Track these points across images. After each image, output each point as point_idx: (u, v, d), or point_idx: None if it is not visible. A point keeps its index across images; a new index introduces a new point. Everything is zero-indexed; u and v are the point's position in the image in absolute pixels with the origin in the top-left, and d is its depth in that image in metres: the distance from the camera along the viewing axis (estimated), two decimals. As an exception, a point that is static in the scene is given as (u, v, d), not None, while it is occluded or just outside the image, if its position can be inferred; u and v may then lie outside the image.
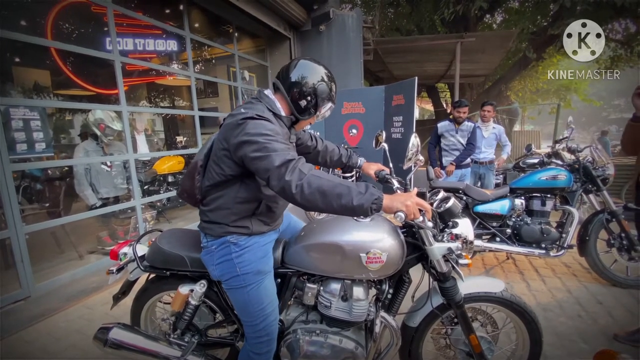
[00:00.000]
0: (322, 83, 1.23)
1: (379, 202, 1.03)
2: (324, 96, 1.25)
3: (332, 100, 1.29)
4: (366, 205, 1.02)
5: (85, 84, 3.98)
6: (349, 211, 1.04)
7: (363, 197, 1.02)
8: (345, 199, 1.02)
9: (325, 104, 1.27)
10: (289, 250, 1.36)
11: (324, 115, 1.32)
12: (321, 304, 1.32)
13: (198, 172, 1.27)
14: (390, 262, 1.23)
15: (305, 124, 1.35)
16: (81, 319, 2.40)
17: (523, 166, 3.99)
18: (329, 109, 1.31)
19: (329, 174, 1.12)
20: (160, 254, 1.42)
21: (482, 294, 1.38)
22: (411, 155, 1.34)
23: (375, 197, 1.03)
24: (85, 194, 3.33)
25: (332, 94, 1.29)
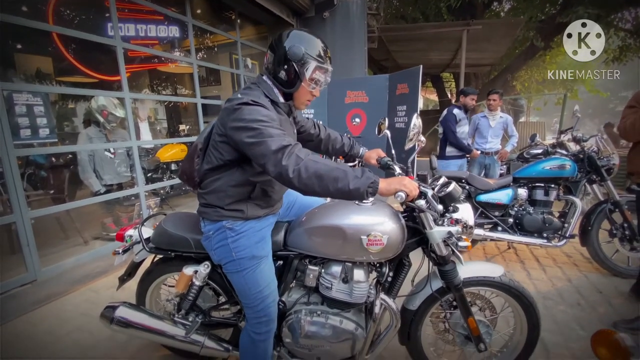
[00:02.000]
0: (293, 46, 1.16)
1: (374, 186, 1.05)
2: (300, 57, 1.16)
3: (315, 59, 1.18)
4: (362, 189, 1.03)
5: (87, 70, 3.97)
6: (345, 195, 1.05)
7: (359, 181, 1.04)
8: (342, 182, 1.03)
9: (307, 65, 1.17)
10: (291, 234, 1.38)
11: (319, 80, 1.22)
12: (322, 286, 1.34)
13: (197, 155, 1.28)
14: (391, 245, 1.24)
15: (302, 97, 1.27)
16: (87, 302, 2.45)
17: (527, 157, 3.97)
18: (318, 71, 1.20)
19: (326, 159, 1.13)
20: (165, 236, 1.45)
21: (481, 278, 1.40)
22: (412, 136, 1.34)
23: (371, 180, 1.04)
24: (89, 181, 3.36)
25: (312, 54, 1.17)
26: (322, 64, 1.21)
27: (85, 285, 2.73)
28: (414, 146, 1.37)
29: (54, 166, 3.93)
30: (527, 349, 1.49)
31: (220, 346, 1.50)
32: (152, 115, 6.82)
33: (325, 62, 1.22)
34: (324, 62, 1.21)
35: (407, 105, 4.83)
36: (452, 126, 3.83)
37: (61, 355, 1.89)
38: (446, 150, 3.95)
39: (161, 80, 7.07)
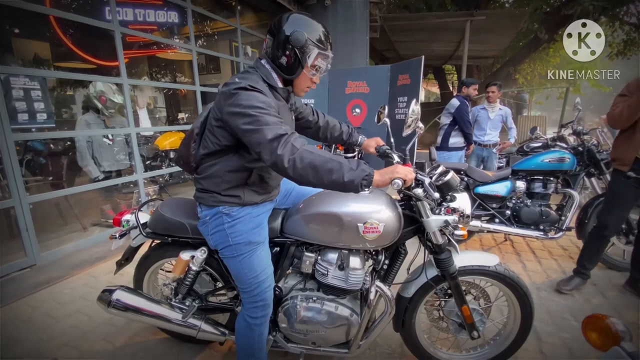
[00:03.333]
0: (295, 31, 1.12)
1: (369, 178, 1.04)
2: (302, 44, 1.13)
3: (317, 46, 1.15)
4: (356, 181, 1.03)
5: (85, 55, 3.93)
6: (339, 187, 1.05)
7: (354, 173, 1.03)
8: (336, 174, 1.03)
9: (309, 52, 1.15)
10: (288, 220, 1.38)
11: (320, 67, 1.20)
12: (318, 272, 1.35)
13: (194, 140, 1.27)
14: (387, 232, 1.24)
15: (302, 84, 1.24)
16: (85, 287, 2.48)
17: (527, 150, 3.96)
18: (320, 58, 1.17)
19: (322, 150, 1.13)
20: (162, 221, 1.45)
21: (476, 267, 1.41)
22: (411, 122, 1.33)
23: (365, 173, 1.04)
24: (88, 167, 3.36)
25: (314, 40, 1.14)
26: (324, 50, 1.18)
27: (84, 270, 2.75)
28: (412, 133, 1.36)
29: (53, 152, 3.92)
30: (519, 337, 1.51)
31: (217, 330, 1.52)
32: (151, 102, 6.78)
33: (327, 49, 1.19)
34: (326, 48, 1.19)
35: (408, 97, 4.78)
36: (466, 116, 3.79)
37: (60, 338, 1.91)
38: (450, 142, 3.91)
39: (160, 68, 6.99)
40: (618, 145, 2.17)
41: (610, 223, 2.25)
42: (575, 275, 2.40)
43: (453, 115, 3.87)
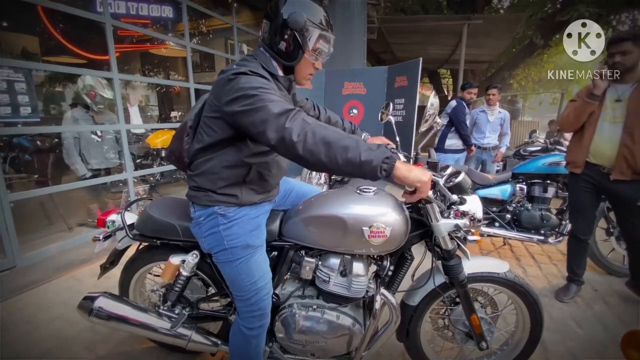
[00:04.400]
0: (293, 12, 1.05)
1: (390, 163, 0.91)
2: (302, 25, 1.05)
3: (318, 27, 1.08)
4: (375, 162, 0.89)
5: (74, 48, 3.79)
6: (355, 167, 0.91)
7: (372, 153, 0.90)
8: (353, 152, 0.90)
9: (309, 34, 1.07)
10: (287, 223, 1.29)
11: (322, 51, 1.12)
12: (319, 279, 1.26)
13: (187, 134, 1.17)
14: (394, 237, 1.16)
15: (304, 70, 1.16)
16: (69, 290, 2.34)
17: (524, 154, 3.94)
18: (322, 40, 1.10)
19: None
20: (150, 222, 1.34)
21: (486, 274, 1.34)
22: (428, 117, 1.24)
23: (387, 155, 0.90)
24: (75, 166, 3.21)
25: (315, 21, 1.07)
26: (326, 31, 1.10)
27: (68, 272, 2.61)
28: (428, 129, 1.26)
29: (38, 149, 3.77)
30: (528, 347, 1.44)
31: (209, 340, 1.41)
32: (143, 100, 6.63)
33: (328, 30, 1.11)
34: (327, 29, 1.11)
35: (406, 98, 4.74)
36: (463, 117, 3.77)
37: (39, 346, 1.78)
38: (445, 144, 3.88)
39: (153, 65, 6.85)
40: (571, 148, 2.23)
41: (578, 227, 2.27)
42: (569, 283, 2.36)
43: (449, 116, 3.86)
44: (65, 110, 4.37)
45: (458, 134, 3.83)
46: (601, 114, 2.00)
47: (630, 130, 1.90)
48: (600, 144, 2.02)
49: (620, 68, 1.89)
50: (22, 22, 3.90)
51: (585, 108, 2.02)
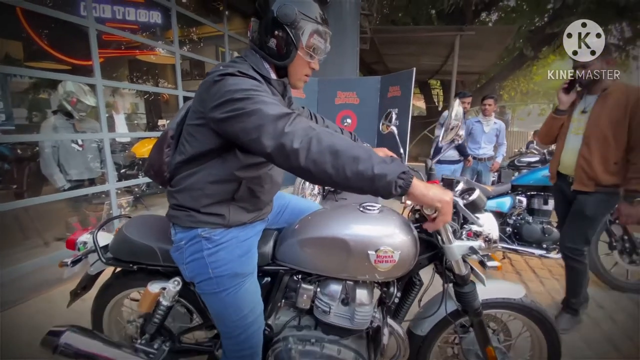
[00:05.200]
0: (283, 5, 0.94)
1: (407, 179, 0.78)
2: (293, 18, 0.94)
3: (312, 20, 0.97)
4: (390, 177, 0.77)
5: (55, 53, 3.62)
6: (366, 181, 0.78)
7: (387, 167, 0.78)
8: (364, 164, 0.77)
9: (302, 28, 0.96)
10: (281, 245, 1.15)
11: (318, 48, 1.00)
12: (318, 309, 1.12)
13: (168, 145, 1.03)
14: (402, 261, 1.03)
15: (299, 71, 1.04)
16: (40, 314, 2.14)
17: (518, 164, 3.90)
18: (317, 35, 0.98)
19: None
20: (126, 244, 1.19)
21: (500, 300, 1.22)
22: (451, 128, 1.10)
23: (403, 169, 0.78)
24: (53, 177, 3.00)
25: (307, 14, 0.96)
26: (321, 25, 0.98)
27: (40, 293, 2.40)
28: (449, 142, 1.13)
29: (15, 158, 3.55)
30: (545, 378, 1.32)
31: (192, 378, 1.25)
32: (131, 107, 6.44)
33: (323, 24, 0.99)
34: (322, 23, 0.99)
35: (399, 109, 4.70)
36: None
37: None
38: (441, 155, 3.82)
39: (142, 72, 6.68)
40: (552, 161, 2.26)
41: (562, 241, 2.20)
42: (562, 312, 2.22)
43: None
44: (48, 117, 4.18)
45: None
46: (569, 125, 2.04)
47: (587, 141, 1.93)
48: (565, 155, 2.06)
49: (584, 81, 1.91)
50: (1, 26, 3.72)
51: (552, 122, 2.10)
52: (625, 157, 1.84)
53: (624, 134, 1.83)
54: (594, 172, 1.91)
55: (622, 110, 1.81)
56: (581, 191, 1.98)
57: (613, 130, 1.85)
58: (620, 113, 1.82)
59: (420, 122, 10.12)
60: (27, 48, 4.03)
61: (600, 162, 1.90)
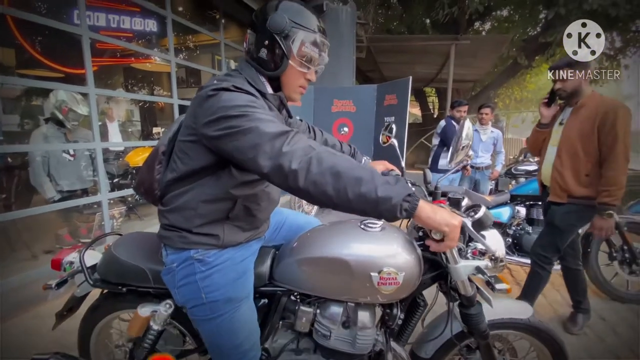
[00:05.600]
0: (274, 14, 0.91)
1: (413, 202, 0.74)
2: (283, 26, 0.90)
3: (303, 27, 0.92)
4: (395, 200, 0.73)
5: (47, 61, 3.55)
6: (369, 204, 0.74)
7: (391, 189, 0.73)
8: (367, 186, 0.73)
9: (292, 36, 0.91)
10: (279, 264, 1.10)
11: (312, 57, 0.95)
12: (318, 333, 1.06)
13: (159, 162, 0.98)
14: (406, 283, 0.99)
15: (293, 82, 0.98)
16: (25, 334, 2.05)
17: (515, 172, 3.89)
18: (309, 43, 0.93)
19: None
20: (115, 265, 1.12)
21: (507, 320, 1.17)
22: (461, 148, 1.06)
23: (408, 192, 0.74)
24: (43, 187, 2.92)
25: (298, 22, 0.92)
26: (313, 32, 0.93)
27: (27, 311, 2.31)
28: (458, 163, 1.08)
29: (4, 167, 3.47)
30: (553, 401, 1.27)
31: (184, 406, 1.18)
32: (123, 116, 6.37)
33: (317, 32, 0.94)
34: (315, 30, 0.94)
35: (395, 117, 4.71)
36: (452, 135, 3.71)
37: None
38: (439, 163, 3.80)
39: (137, 80, 6.63)
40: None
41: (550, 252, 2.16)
42: (576, 313, 2.25)
43: (440, 136, 3.83)
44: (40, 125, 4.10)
45: None
46: (550, 137, 2.09)
47: (560, 153, 1.97)
48: (544, 167, 2.12)
49: (563, 94, 1.96)
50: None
51: (536, 135, 2.17)
52: (598, 169, 1.86)
53: (593, 147, 1.85)
54: (566, 183, 1.94)
55: (591, 123, 1.84)
56: (555, 202, 2.02)
57: (582, 143, 1.88)
58: (589, 125, 1.85)
59: (416, 129, 10.17)
60: (19, 55, 3.97)
61: (572, 174, 1.93)
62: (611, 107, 1.81)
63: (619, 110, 1.79)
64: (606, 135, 1.80)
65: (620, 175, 1.79)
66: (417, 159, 10.83)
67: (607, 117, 1.79)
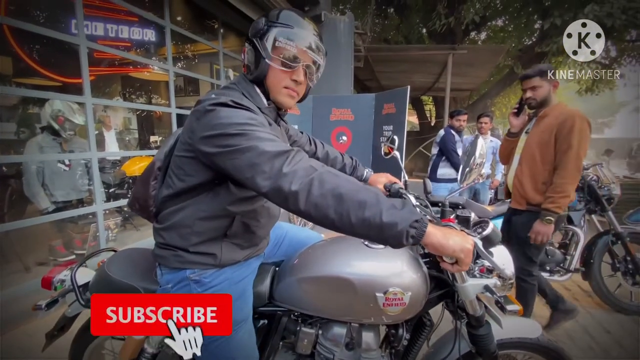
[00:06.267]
0: (256, 22, 0.92)
1: (420, 228, 0.69)
2: (259, 29, 0.90)
3: (278, 24, 0.89)
4: (401, 226, 0.68)
5: (44, 70, 3.52)
6: (373, 230, 0.69)
7: (397, 214, 0.68)
8: (371, 210, 0.68)
9: (267, 35, 0.89)
10: (279, 283, 1.06)
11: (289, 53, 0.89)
12: (320, 355, 1.01)
13: (155, 177, 0.95)
14: (413, 303, 0.95)
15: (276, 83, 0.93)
16: (18, 349, 1.97)
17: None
18: (284, 38, 0.88)
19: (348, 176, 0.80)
20: (108, 284, 1.08)
21: (516, 339, 1.13)
22: (475, 167, 1.01)
23: (415, 217, 0.69)
24: (36, 198, 2.86)
25: (275, 20, 0.89)
26: (289, 27, 0.89)
27: (18, 326, 2.23)
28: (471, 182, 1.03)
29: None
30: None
31: None
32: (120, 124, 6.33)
33: (294, 27, 0.89)
34: (292, 25, 0.89)
35: (394, 125, 4.72)
36: (452, 146, 3.70)
37: None
38: (438, 173, 3.79)
39: (135, 88, 6.61)
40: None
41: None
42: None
43: (439, 146, 3.83)
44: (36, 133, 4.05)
45: (450, 162, 3.76)
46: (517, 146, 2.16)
47: (521, 161, 2.03)
48: (509, 175, 2.20)
49: (532, 102, 1.98)
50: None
51: (505, 144, 2.26)
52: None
53: (550, 155, 1.89)
54: (525, 190, 1.99)
55: (550, 132, 1.88)
56: (516, 210, 2.08)
57: (541, 151, 1.92)
58: (548, 134, 1.89)
59: (413, 138, 10.19)
60: (15, 64, 3.94)
61: (530, 181, 1.97)
62: (570, 116, 1.83)
63: (577, 120, 1.81)
64: (561, 143, 1.83)
65: (568, 184, 1.80)
66: (415, 167, 10.83)
67: (565, 125, 1.82)
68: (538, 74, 1.94)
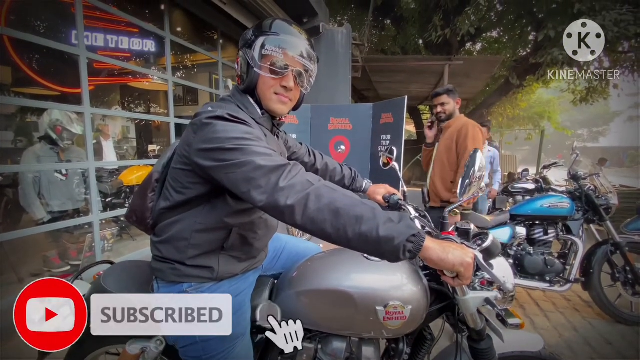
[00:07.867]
0: (245, 33, 0.94)
1: (418, 242, 0.68)
2: (247, 39, 0.92)
3: (264, 33, 0.90)
4: (398, 241, 0.67)
5: (43, 80, 3.53)
6: (370, 244, 0.69)
7: (394, 228, 0.68)
8: (368, 224, 0.68)
9: (255, 44, 0.90)
10: (278, 297, 1.04)
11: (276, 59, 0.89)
12: (319, 371, 0.99)
13: (153, 189, 0.94)
14: (413, 317, 0.94)
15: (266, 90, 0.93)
16: (6, 365, 1.92)
17: (512, 190, 3.89)
18: (270, 45, 0.89)
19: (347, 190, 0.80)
20: (103, 298, 1.06)
21: (518, 353, 1.12)
22: (474, 181, 1.01)
23: (413, 231, 0.68)
24: (32, 208, 2.84)
25: (262, 30, 0.91)
26: (276, 35, 0.90)
27: (10, 340, 2.18)
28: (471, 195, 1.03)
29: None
30: None
31: None
32: (120, 133, 6.33)
33: (282, 34, 0.90)
34: (277, 33, 0.90)
35: (392, 135, 4.75)
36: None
37: None
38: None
39: (134, 98, 6.64)
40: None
41: None
42: None
43: None
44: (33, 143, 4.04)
45: None
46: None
47: (434, 165, 2.47)
48: (429, 178, 2.55)
49: (442, 116, 2.43)
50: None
51: (424, 153, 2.67)
52: None
53: (454, 158, 2.34)
54: (437, 190, 2.42)
55: (452, 139, 2.33)
56: (433, 207, 2.45)
57: (447, 155, 2.37)
58: (450, 141, 2.34)
59: (411, 147, 10.25)
60: (14, 74, 3.95)
61: (441, 182, 2.40)
62: (464, 124, 2.30)
63: (470, 127, 2.27)
64: (460, 147, 2.28)
65: None
66: (413, 176, 10.86)
67: (461, 132, 2.27)
68: (446, 92, 2.38)
